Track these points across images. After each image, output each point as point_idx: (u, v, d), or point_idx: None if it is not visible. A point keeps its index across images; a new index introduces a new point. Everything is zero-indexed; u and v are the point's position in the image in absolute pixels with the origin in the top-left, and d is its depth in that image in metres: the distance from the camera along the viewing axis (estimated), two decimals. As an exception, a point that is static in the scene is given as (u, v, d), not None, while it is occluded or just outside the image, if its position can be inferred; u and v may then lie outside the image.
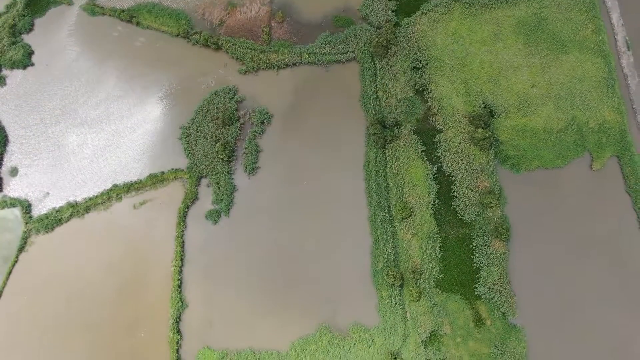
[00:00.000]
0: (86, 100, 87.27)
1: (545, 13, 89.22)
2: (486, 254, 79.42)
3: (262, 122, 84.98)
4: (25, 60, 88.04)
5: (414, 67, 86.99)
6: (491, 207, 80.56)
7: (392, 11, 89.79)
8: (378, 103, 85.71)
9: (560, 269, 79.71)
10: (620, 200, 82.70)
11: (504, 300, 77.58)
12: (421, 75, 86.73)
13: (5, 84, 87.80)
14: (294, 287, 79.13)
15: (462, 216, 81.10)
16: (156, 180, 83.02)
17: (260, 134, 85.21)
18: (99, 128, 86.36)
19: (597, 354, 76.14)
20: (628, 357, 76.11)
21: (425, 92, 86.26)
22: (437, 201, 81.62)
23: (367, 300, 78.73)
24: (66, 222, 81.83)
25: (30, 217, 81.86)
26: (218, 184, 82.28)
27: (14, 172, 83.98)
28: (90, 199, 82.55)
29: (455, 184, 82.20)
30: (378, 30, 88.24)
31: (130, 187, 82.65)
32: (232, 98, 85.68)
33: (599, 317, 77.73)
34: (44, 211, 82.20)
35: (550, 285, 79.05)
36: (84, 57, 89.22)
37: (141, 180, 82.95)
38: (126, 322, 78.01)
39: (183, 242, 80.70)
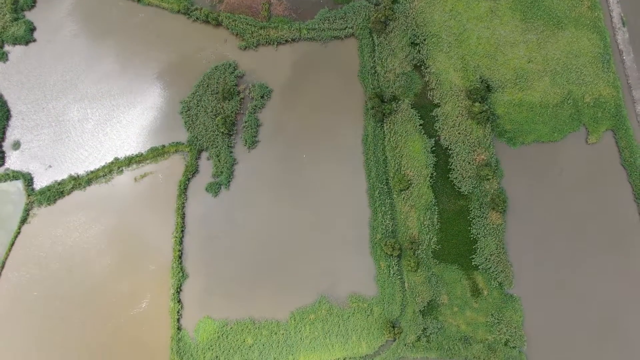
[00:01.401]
0: (87, 75, 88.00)
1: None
2: (483, 226, 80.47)
3: (262, 97, 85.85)
4: (28, 36, 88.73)
5: (411, 43, 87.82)
6: (488, 179, 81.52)
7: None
8: (376, 78, 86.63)
9: (556, 240, 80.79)
10: (616, 173, 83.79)
11: (501, 271, 78.67)
12: (419, 51, 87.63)
13: (7, 60, 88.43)
14: (293, 258, 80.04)
15: (460, 188, 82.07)
16: (157, 153, 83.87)
17: (260, 108, 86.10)
18: (99, 103, 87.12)
19: (591, 323, 77.29)
20: (621, 326, 77.18)
21: (422, 68, 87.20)
22: (434, 174, 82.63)
23: (366, 271, 79.75)
24: (68, 194, 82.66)
25: (32, 189, 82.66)
26: (218, 156, 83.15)
27: (16, 145, 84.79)
28: (91, 172, 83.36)
29: (453, 156, 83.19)
30: (376, 7, 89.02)
31: (131, 160, 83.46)
32: (232, 73, 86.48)
33: (593, 288, 78.83)
34: (46, 184, 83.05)
35: (546, 256, 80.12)
36: (85, 33, 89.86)
37: (142, 154, 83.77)
38: (127, 292, 78.88)
39: (184, 214, 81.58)
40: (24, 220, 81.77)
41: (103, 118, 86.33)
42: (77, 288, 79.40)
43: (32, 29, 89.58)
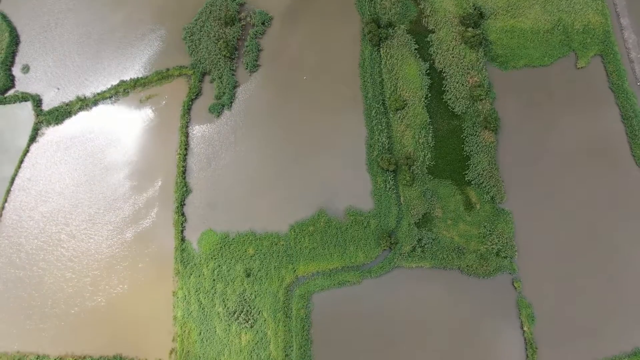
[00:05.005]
0: (92, 2, 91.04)
1: None
2: (476, 143, 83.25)
3: (263, 23, 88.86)
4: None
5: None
6: (481, 99, 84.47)
7: None
8: (373, 5, 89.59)
9: (546, 158, 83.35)
10: (604, 96, 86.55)
11: (493, 186, 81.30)
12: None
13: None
14: (292, 175, 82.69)
15: (453, 109, 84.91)
16: (161, 76, 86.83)
17: (260, 34, 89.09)
18: (105, 29, 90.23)
19: (579, 234, 79.86)
20: (606, 235, 79.83)
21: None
22: (429, 95, 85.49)
23: (363, 187, 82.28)
24: (75, 114, 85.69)
25: (41, 110, 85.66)
26: (221, 79, 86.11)
27: (25, 69, 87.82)
28: (98, 93, 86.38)
29: (447, 79, 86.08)
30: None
31: (136, 83, 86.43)
32: (234, 0, 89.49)
33: (581, 202, 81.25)
34: (53, 105, 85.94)
35: (536, 172, 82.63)
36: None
37: (147, 77, 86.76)
38: (133, 207, 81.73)
39: (187, 133, 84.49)
40: (32, 139, 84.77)
41: (108, 43, 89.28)
42: (83, 204, 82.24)
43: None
